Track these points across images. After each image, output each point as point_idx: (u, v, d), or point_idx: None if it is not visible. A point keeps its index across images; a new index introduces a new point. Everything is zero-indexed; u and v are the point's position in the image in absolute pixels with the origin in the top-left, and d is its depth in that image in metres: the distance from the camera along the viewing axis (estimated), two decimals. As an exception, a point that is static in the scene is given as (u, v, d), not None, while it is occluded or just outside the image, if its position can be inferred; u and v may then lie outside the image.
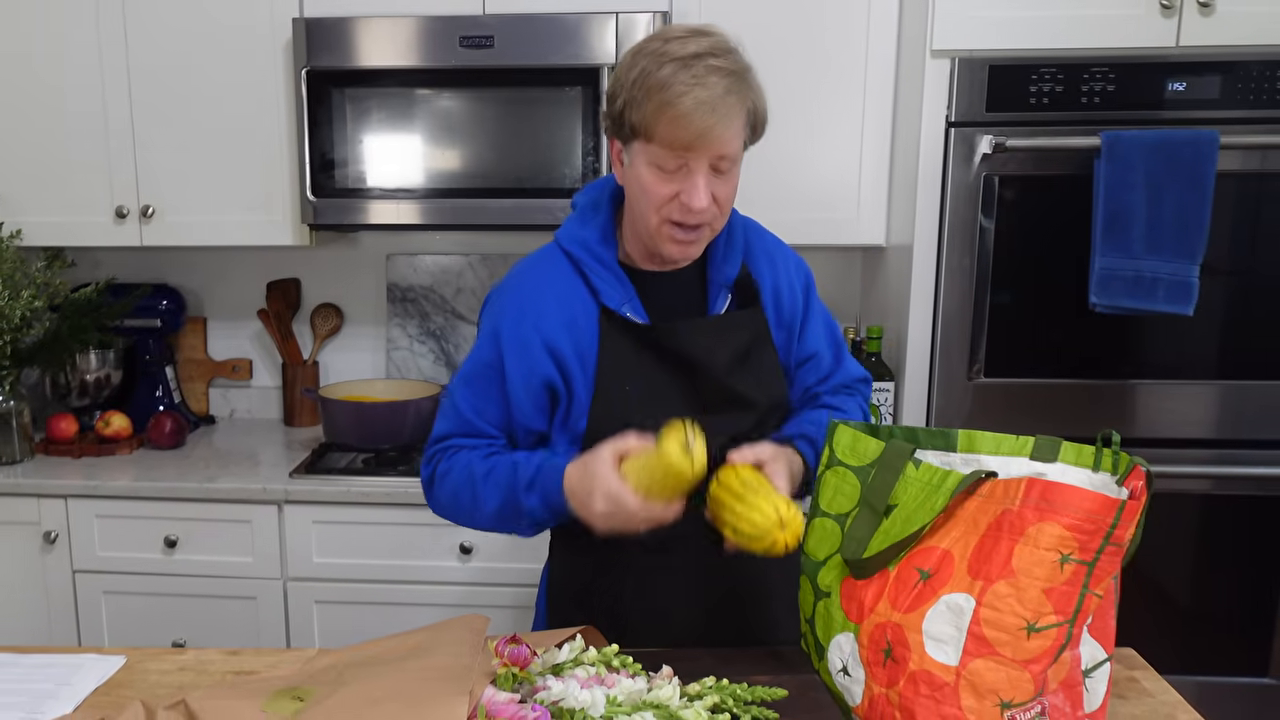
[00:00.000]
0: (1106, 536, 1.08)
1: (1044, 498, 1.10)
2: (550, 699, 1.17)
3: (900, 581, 1.21)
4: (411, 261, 2.93)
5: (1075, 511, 1.08)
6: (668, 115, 1.34)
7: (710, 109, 1.33)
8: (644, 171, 1.41)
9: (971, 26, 2.19)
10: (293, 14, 2.47)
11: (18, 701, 1.32)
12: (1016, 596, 1.10)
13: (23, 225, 2.60)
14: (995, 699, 1.10)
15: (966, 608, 1.12)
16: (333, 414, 2.58)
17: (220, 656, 1.49)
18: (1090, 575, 1.09)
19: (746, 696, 1.25)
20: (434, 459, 1.56)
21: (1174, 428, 2.25)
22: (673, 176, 1.39)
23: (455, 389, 1.56)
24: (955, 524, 1.19)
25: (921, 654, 1.15)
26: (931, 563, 1.18)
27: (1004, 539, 1.12)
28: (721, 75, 1.34)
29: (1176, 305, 2.11)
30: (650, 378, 1.49)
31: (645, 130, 1.37)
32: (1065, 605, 1.09)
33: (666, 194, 1.40)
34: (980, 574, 1.12)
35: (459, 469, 1.51)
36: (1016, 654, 1.10)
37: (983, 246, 2.22)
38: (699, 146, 1.36)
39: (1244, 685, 2.33)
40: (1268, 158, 2.15)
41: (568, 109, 2.39)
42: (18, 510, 2.42)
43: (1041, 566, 1.09)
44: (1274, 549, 2.28)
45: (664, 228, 1.43)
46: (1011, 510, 1.12)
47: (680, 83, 1.33)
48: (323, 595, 2.41)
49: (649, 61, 1.37)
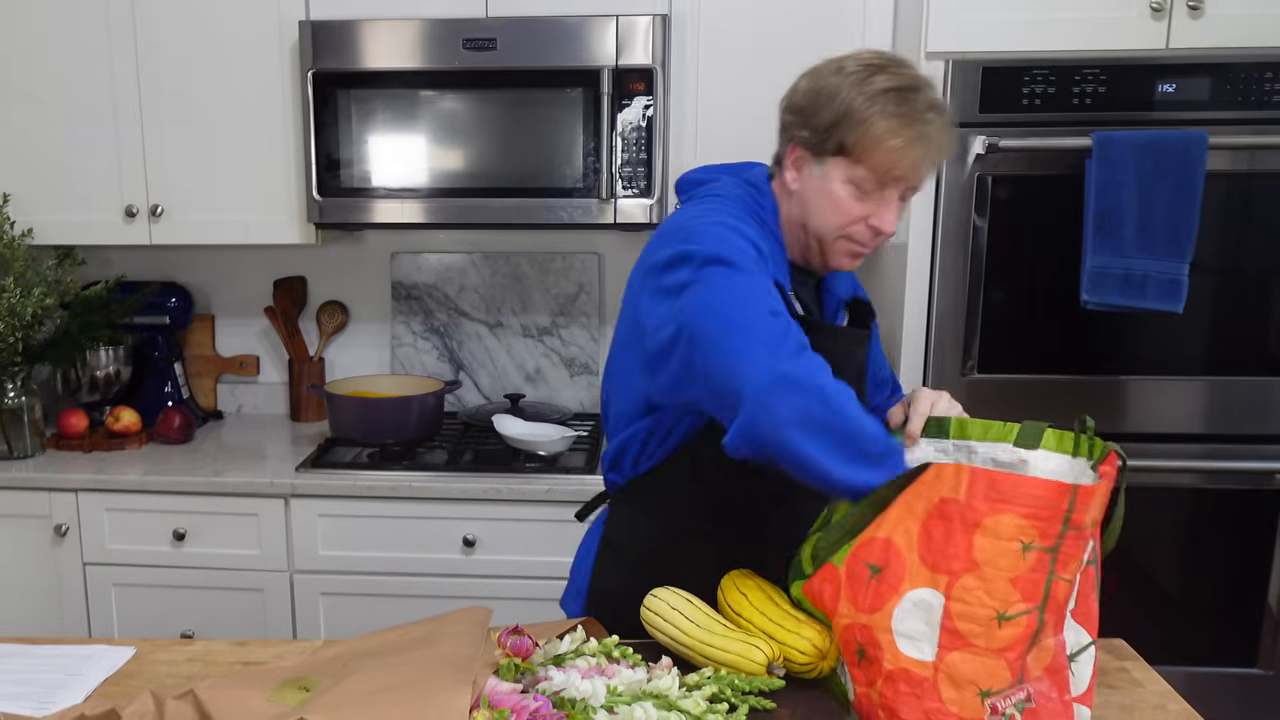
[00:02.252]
0: (1065, 521, 1.08)
1: (994, 488, 1.10)
2: (552, 689, 1.17)
3: (853, 579, 1.21)
4: (415, 260, 2.92)
5: (1029, 500, 1.09)
6: (888, 144, 1.37)
7: (926, 144, 1.38)
8: (839, 188, 1.43)
9: (965, 29, 2.19)
10: (299, 17, 2.46)
11: (29, 691, 1.32)
12: (984, 588, 1.10)
13: (34, 224, 2.59)
14: (975, 689, 1.11)
15: (935, 604, 1.13)
16: (338, 409, 2.58)
17: (228, 647, 1.49)
18: (1055, 561, 1.09)
19: (744, 686, 1.25)
20: (807, 346, 1.29)
21: (1164, 423, 2.25)
22: (868, 198, 1.42)
23: (726, 276, 1.32)
24: (890, 509, 1.19)
25: (895, 653, 1.15)
26: (875, 555, 1.18)
27: (957, 530, 1.12)
28: (938, 114, 1.39)
29: (1166, 303, 2.11)
30: None
31: (858, 152, 1.39)
32: (1033, 592, 1.10)
33: (858, 214, 1.43)
34: (942, 569, 1.12)
35: (838, 388, 1.25)
36: (990, 643, 1.10)
37: (976, 245, 2.22)
38: (905, 178, 1.40)
39: (1232, 675, 2.33)
40: (1256, 158, 2.15)
41: (569, 110, 2.38)
42: (29, 504, 2.42)
43: (1005, 557, 1.10)
44: (1261, 541, 2.28)
45: (840, 242, 1.46)
46: (956, 500, 1.12)
47: (904, 113, 1.36)
48: (328, 587, 2.41)
49: (868, 83, 1.37)
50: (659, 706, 1.16)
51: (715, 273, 1.33)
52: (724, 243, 1.37)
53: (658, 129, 2.38)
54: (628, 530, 1.62)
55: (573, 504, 2.32)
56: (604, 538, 1.65)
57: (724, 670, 1.28)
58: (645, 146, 2.38)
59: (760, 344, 1.25)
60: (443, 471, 2.41)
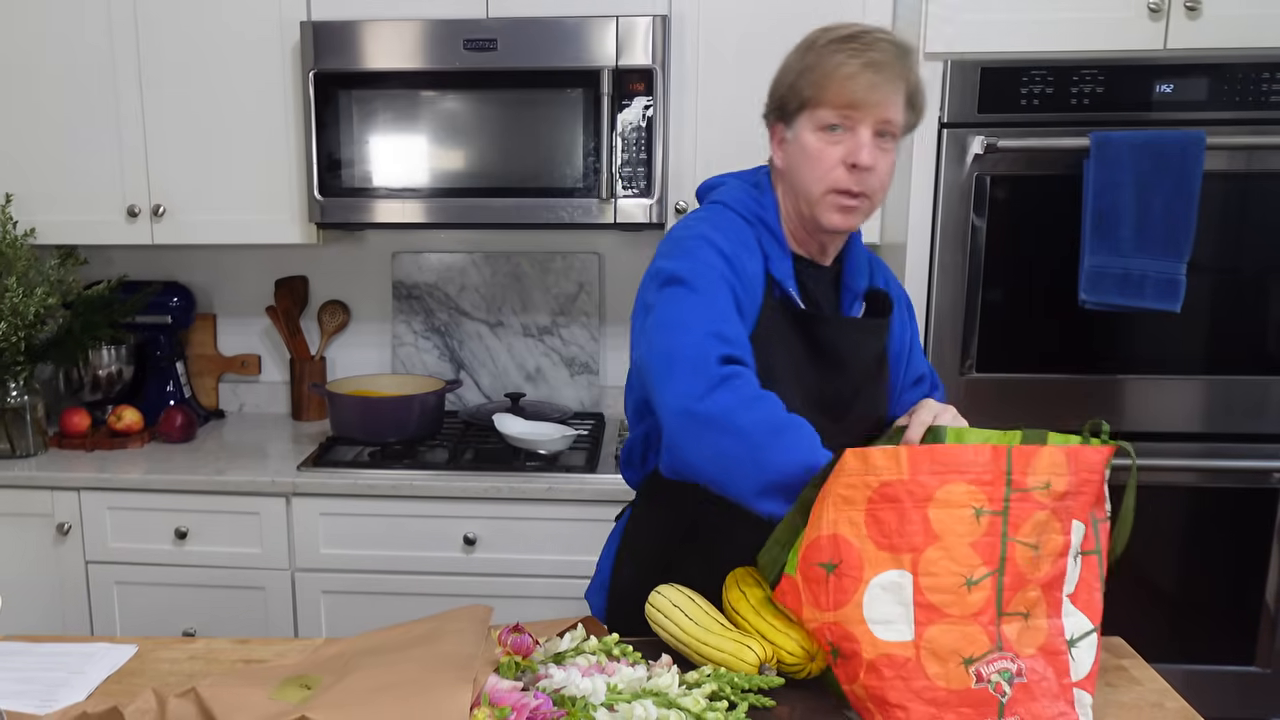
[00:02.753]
0: (1008, 484, 1.12)
1: (936, 460, 1.14)
2: (552, 687, 1.17)
3: (810, 581, 1.22)
4: (416, 259, 2.92)
5: (970, 465, 1.13)
6: (839, 76, 1.39)
7: (878, 67, 1.38)
8: (810, 139, 1.44)
9: (963, 30, 2.19)
10: (300, 18, 2.46)
11: (32, 689, 1.32)
12: (949, 557, 1.13)
13: (36, 224, 2.59)
14: (958, 658, 1.13)
15: (905, 583, 1.15)
16: (340, 408, 2.58)
17: (230, 645, 1.48)
18: (1006, 524, 1.13)
19: (744, 684, 1.25)
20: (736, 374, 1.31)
21: (1162, 422, 2.25)
22: (838, 139, 1.42)
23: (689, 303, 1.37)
24: (823, 508, 1.20)
25: (873, 640, 1.16)
26: (826, 553, 1.19)
27: (909, 508, 1.14)
28: (889, 43, 1.41)
29: (1164, 302, 2.11)
30: (796, 364, 1.48)
31: (816, 96, 1.42)
32: (991, 555, 1.13)
33: (833, 158, 1.43)
34: (904, 548, 1.15)
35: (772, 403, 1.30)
36: (964, 610, 1.13)
37: (974, 245, 2.22)
38: (865, 105, 1.39)
39: (1230, 673, 2.33)
40: (1253, 158, 2.15)
41: (569, 110, 2.38)
42: (32, 502, 2.42)
43: (961, 523, 1.13)
44: (1259, 540, 2.28)
45: (828, 196, 1.45)
46: (901, 480, 1.14)
47: (849, 48, 1.39)
48: (330, 585, 2.41)
49: (817, 42, 1.43)
50: (659, 704, 1.16)
51: (669, 295, 1.39)
52: (690, 257, 1.41)
53: (657, 129, 2.38)
54: (644, 526, 1.63)
55: (573, 503, 2.33)
56: (624, 533, 1.66)
57: (721, 668, 1.28)
58: (645, 147, 2.38)
59: (683, 378, 1.30)
60: (443, 470, 2.41)
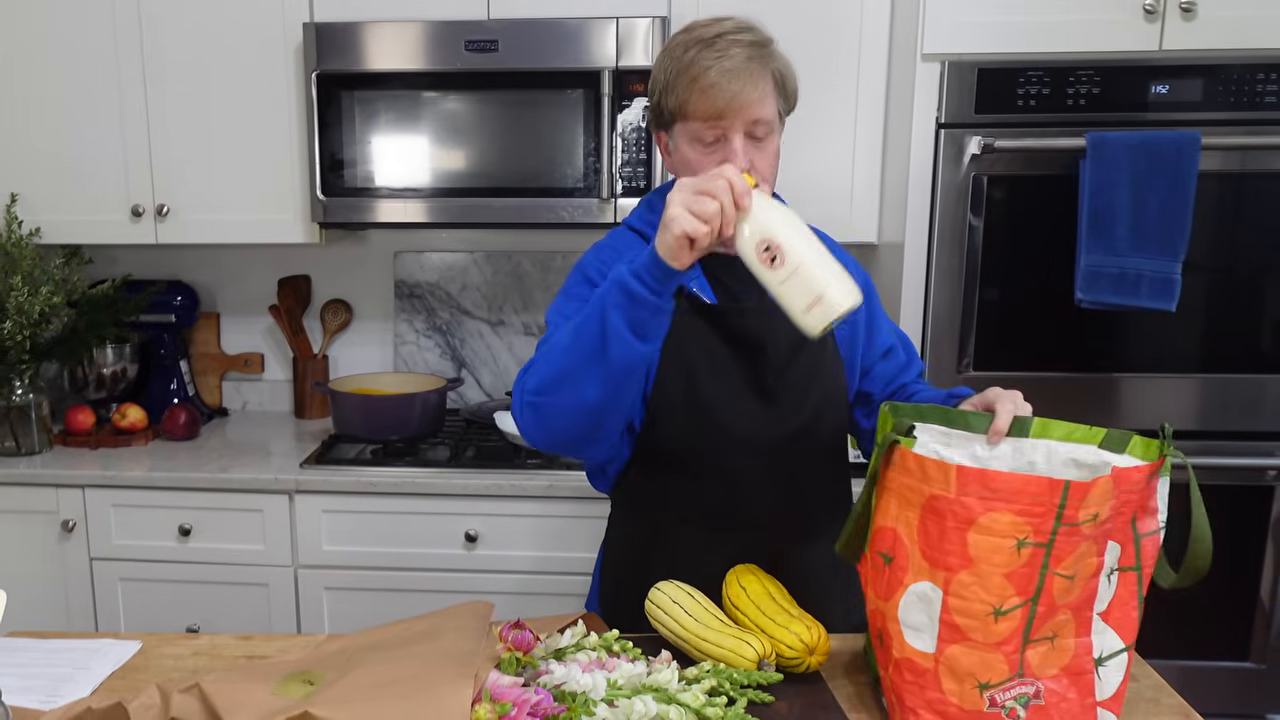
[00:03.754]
0: (1058, 518, 1.08)
1: (986, 486, 1.09)
2: (553, 682, 1.17)
3: (874, 567, 1.22)
4: (418, 259, 2.92)
5: (1021, 496, 1.08)
6: (697, 89, 1.39)
7: (734, 75, 1.37)
8: (687, 151, 1.45)
9: (961, 31, 2.19)
10: (303, 19, 2.46)
11: (37, 685, 1.32)
12: (980, 584, 1.10)
13: (41, 224, 2.59)
14: (974, 681, 1.12)
15: (934, 598, 1.13)
16: (342, 406, 2.58)
17: (233, 641, 1.48)
18: (1049, 556, 1.09)
19: (743, 680, 1.25)
20: (526, 372, 1.40)
21: (1157, 420, 2.22)
22: (713, 149, 1.42)
23: (555, 324, 1.46)
24: (890, 498, 1.20)
25: (902, 642, 1.16)
26: (886, 545, 1.19)
27: (950, 527, 1.11)
28: (742, 46, 1.39)
29: (1160, 301, 2.10)
30: (713, 355, 1.49)
31: (681, 110, 1.42)
32: (1026, 586, 1.10)
33: (711, 166, 1.41)
34: (940, 564, 1.13)
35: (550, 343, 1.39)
36: (987, 638, 1.11)
37: (972, 244, 2.22)
38: (730, 113, 1.39)
39: (1225, 669, 2.33)
40: (1248, 158, 2.15)
41: (570, 111, 2.38)
42: (37, 500, 2.42)
43: (999, 553, 1.09)
44: (1254, 537, 2.28)
45: None
46: (947, 497, 1.11)
47: (705, 58, 1.39)
48: (332, 582, 2.41)
49: (677, 49, 1.43)
50: (659, 700, 1.16)
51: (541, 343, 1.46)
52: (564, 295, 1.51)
53: (657, 129, 2.38)
54: (619, 531, 1.64)
55: (573, 500, 2.33)
56: (605, 543, 1.68)
57: (720, 664, 1.28)
58: (645, 147, 2.38)
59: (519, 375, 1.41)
60: (445, 468, 2.41)
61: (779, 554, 1.50)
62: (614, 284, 1.27)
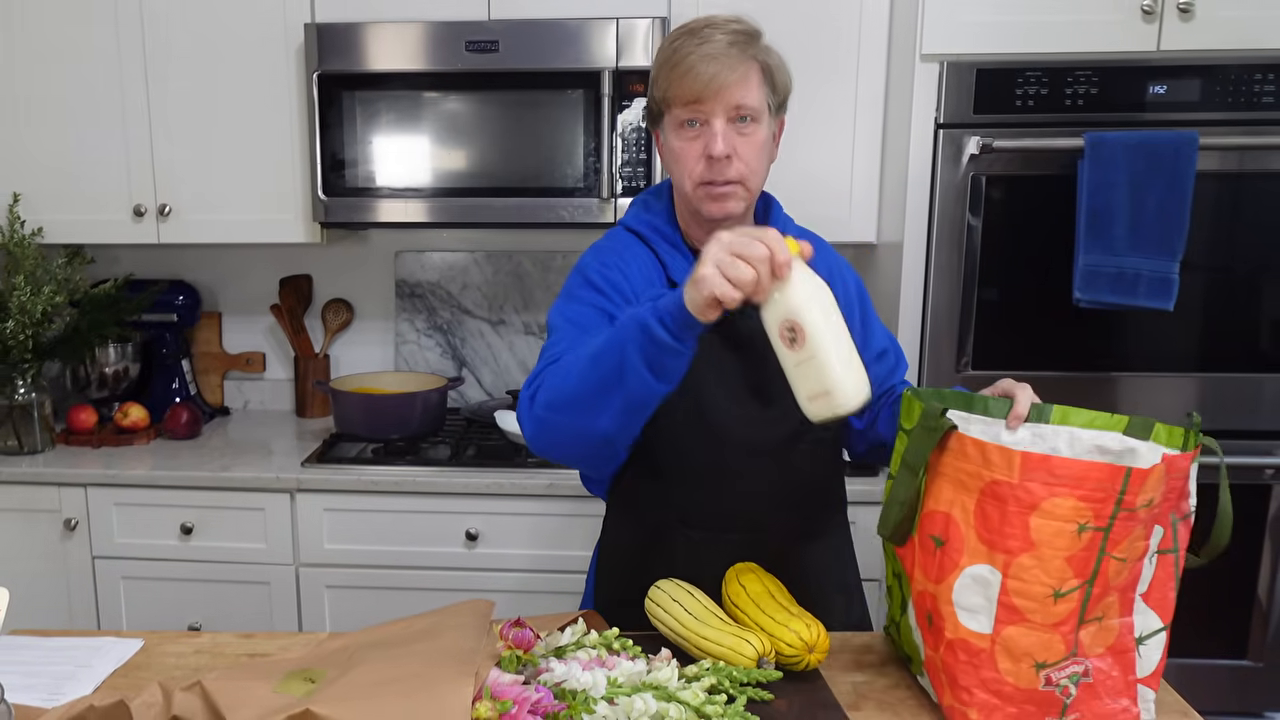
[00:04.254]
0: (1117, 503, 1.11)
1: (1050, 472, 1.12)
2: (553, 680, 1.17)
3: (924, 550, 1.25)
4: (419, 258, 2.92)
5: (1084, 482, 1.11)
6: (678, 73, 1.39)
7: (713, 59, 1.37)
8: (674, 140, 1.45)
9: (959, 31, 2.18)
10: (304, 20, 2.46)
11: (39, 682, 1.32)
12: (1041, 567, 1.13)
13: (44, 223, 2.59)
14: (1030, 661, 1.15)
15: (993, 580, 1.16)
16: (343, 405, 2.58)
17: (235, 639, 1.48)
18: (1106, 540, 1.12)
19: (742, 678, 1.25)
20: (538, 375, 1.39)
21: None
22: (696, 136, 1.42)
23: (560, 331, 1.44)
24: (944, 483, 1.22)
25: (956, 624, 1.19)
26: (939, 528, 1.22)
27: (1012, 512, 1.14)
28: (725, 33, 1.40)
29: (1157, 300, 2.10)
30: (715, 356, 1.48)
31: (665, 98, 1.43)
32: (1084, 569, 1.13)
33: (694, 153, 1.43)
34: (999, 547, 1.15)
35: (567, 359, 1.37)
36: (1046, 619, 1.14)
37: (970, 244, 2.22)
38: (708, 96, 1.39)
39: (1223, 667, 2.33)
40: (1246, 158, 2.15)
41: (570, 111, 2.38)
42: (39, 498, 2.42)
43: (1061, 537, 1.12)
44: (1252, 535, 2.28)
45: (699, 190, 1.45)
46: (1010, 483, 1.14)
47: (687, 45, 1.40)
48: (333, 580, 2.41)
49: (666, 42, 1.44)
50: (658, 697, 1.16)
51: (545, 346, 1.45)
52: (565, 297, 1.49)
53: (657, 130, 2.38)
54: (615, 533, 1.64)
55: (574, 498, 2.33)
56: (600, 548, 1.68)
57: (720, 662, 1.28)
58: (645, 147, 2.38)
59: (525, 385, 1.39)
60: (446, 466, 2.41)
61: (779, 554, 1.50)
62: (636, 323, 1.23)
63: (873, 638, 1.49)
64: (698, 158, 1.42)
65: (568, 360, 1.33)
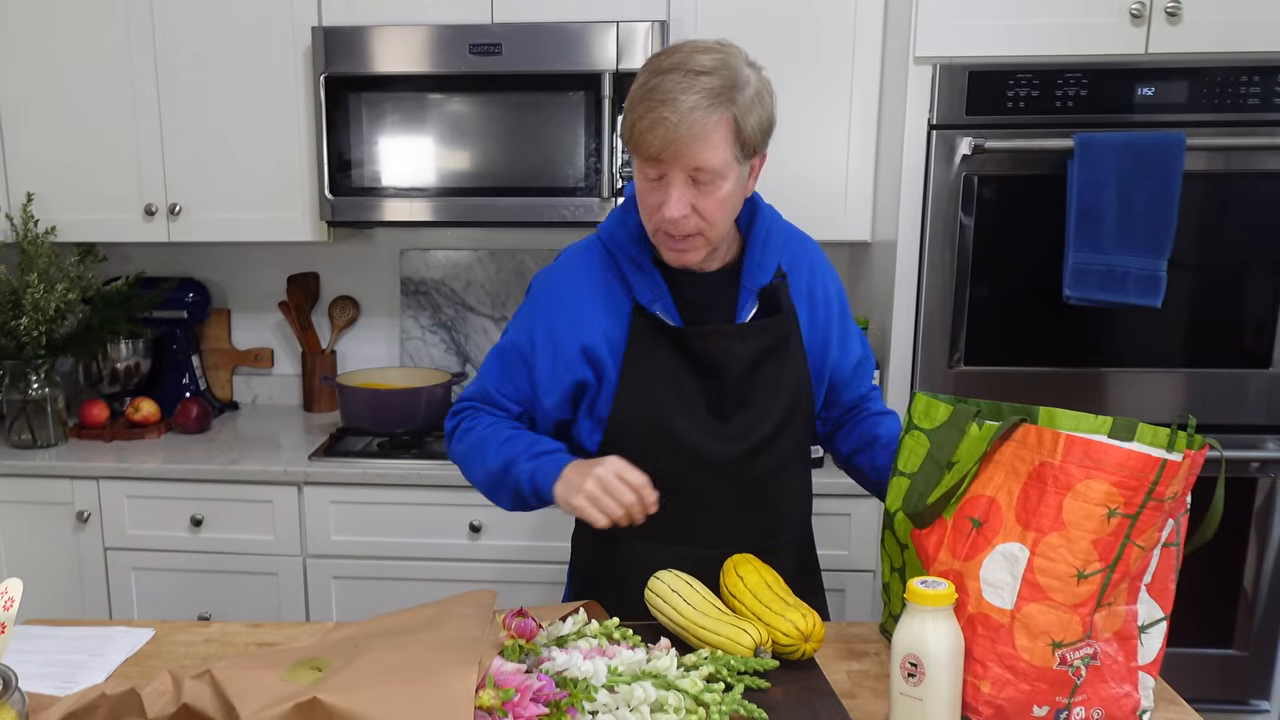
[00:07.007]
0: (1148, 493, 1.12)
1: (1089, 455, 1.14)
2: (555, 669, 1.17)
3: (956, 531, 1.25)
4: (424, 256, 2.92)
5: (1120, 469, 1.13)
6: (640, 127, 1.32)
7: (670, 125, 1.29)
8: (639, 184, 1.40)
9: (952, 34, 2.18)
10: (312, 23, 2.45)
11: (53, 671, 1.32)
12: (1068, 547, 1.14)
13: (57, 222, 2.59)
14: (1047, 639, 1.15)
15: (1021, 557, 1.17)
16: (350, 400, 2.58)
17: (243, 629, 1.48)
18: (1132, 527, 1.13)
19: (740, 666, 1.24)
20: (460, 413, 1.59)
21: (1143, 414, 2.24)
22: (656, 186, 1.36)
23: (489, 358, 1.58)
24: (996, 470, 1.24)
25: (979, 599, 1.20)
26: (980, 510, 1.23)
27: (1049, 492, 1.16)
28: (694, 92, 1.29)
29: (1145, 298, 2.10)
30: (674, 374, 1.46)
31: (630, 141, 1.35)
32: (1108, 554, 1.14)
33: (653, 203, 1.37)
34: (1031, 525, 1.17)
35: (483, 427, 1.54)
36: (1067, 599, 1.15)
37: (963, 243, 2.21)
38: (667, 159, 1.32)
39: (1210, 656, 2.33)
40: (1232, 158, 2.14)
41: (571, 112, 2.37)
42: (52, 491, 2.42)
43: (1091, 520, 1.14)
44: (1238, 527, 2.28)
45: (658, 235, 1.41)
46: (1053, 464, 1.16)
47: (653, 97, 1.30)
48: (340, 571, 2.41)
49: (644, 72, 1.35)
50: (658, 685, 1.16)
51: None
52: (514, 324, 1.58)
53: (656, 131, 2.37)
54: (582, 541, 1.64)
55: (575, 491, 2.32)
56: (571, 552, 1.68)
57: (718, 651, 1.28)
58: (644, 147, 2.37)
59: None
60: (450, 460, 2.40)
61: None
62: (516, 477, 1.45)
63: (868, 628, 1.49)
64: (656, 207, 1.36)
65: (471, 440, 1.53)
